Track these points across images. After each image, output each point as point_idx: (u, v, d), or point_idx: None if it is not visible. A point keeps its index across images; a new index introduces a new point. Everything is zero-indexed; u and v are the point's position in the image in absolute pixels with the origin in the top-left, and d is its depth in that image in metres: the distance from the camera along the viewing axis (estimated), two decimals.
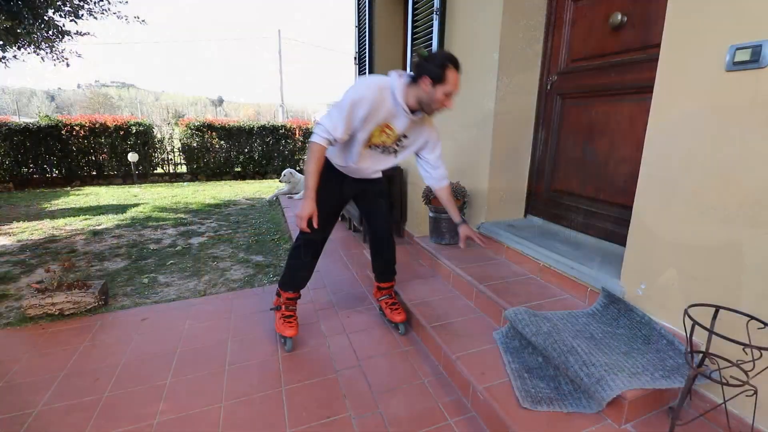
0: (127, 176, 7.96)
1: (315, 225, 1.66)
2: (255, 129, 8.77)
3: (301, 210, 1.64)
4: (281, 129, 9.02)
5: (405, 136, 1.75)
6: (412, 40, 3.16)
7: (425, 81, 1.55)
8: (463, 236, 1.95)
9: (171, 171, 8.55)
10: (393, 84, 1.61)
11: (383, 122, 1.66)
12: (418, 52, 1.58)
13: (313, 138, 1.61)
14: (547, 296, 1.86)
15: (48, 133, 7.08)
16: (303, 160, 9.37)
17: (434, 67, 1.53)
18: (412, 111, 1.65)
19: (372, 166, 1.83)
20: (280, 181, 6.10)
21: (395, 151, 1.81)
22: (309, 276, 1.96)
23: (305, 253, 1.89)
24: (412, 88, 1.60)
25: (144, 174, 8.14)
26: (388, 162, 1.84)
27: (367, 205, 2.00)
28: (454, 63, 1.55)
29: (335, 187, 1.85)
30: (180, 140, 8.34)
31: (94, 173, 7.72)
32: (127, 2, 5.92)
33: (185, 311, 2.32)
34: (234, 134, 8.59)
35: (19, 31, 4.83)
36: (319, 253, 1.94)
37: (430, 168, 1.91)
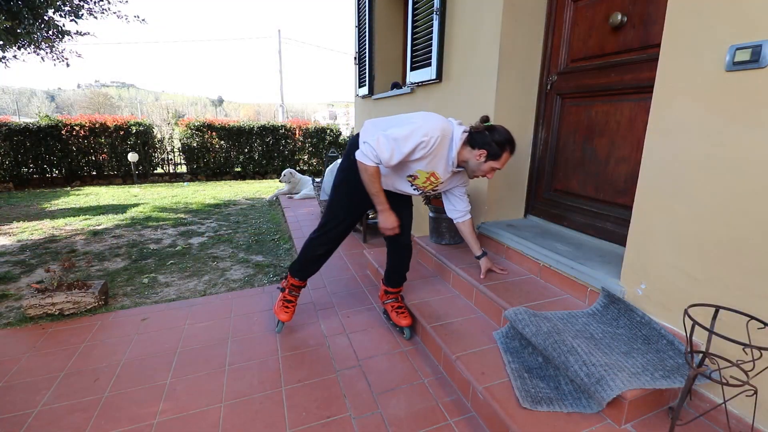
0: (127, 176, 7.96)
1: (397, 231, 1.78)
2: (255, 129, 8.76)
3: (384, 222, 1.75)
4: (281, 129, 9.01)
5: (442, 183, 1.81)
6: (412, 40, 3.16)
7: (481, 153, 1.64)
8: (484, 269, 2.05)
9: (171, 171, 8.55)
10: (455, 137, 1.66)
11: (432, 170, 1.70)
12: (482, 121, 1.66)
13: (364, 160, 1.61)
14: (547, 296, 1.86)
15: (48, 133, 7.08)
16: (303, 160, 9.37)
17: (495, 145, 1.62)
18: (458, 165, 1.72)
19: (404, 192, 1.89)
20: (280, 181, 6.10)
21: (428, 194, 1.90)
22: (317, 270, 2.05)
23: (320, 246, 1.95)
24: (466, 148, 1.67)
25: (144, 174, 8.14)
26: (417, 195, 1.92)
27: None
28: (512, 147, 1.67)
29: (364, 193, 1.82)
30: (180, 140, 8.34)
31: (94, 173, 7.73)
32: (127, 2, 5.93)
33: (185, 311, 2.32)
34: (234, 134, 8.59)
35: (19, 31, 4.83)
36: (333, 251, 2.00)
37: (456, 201, 1.97)
